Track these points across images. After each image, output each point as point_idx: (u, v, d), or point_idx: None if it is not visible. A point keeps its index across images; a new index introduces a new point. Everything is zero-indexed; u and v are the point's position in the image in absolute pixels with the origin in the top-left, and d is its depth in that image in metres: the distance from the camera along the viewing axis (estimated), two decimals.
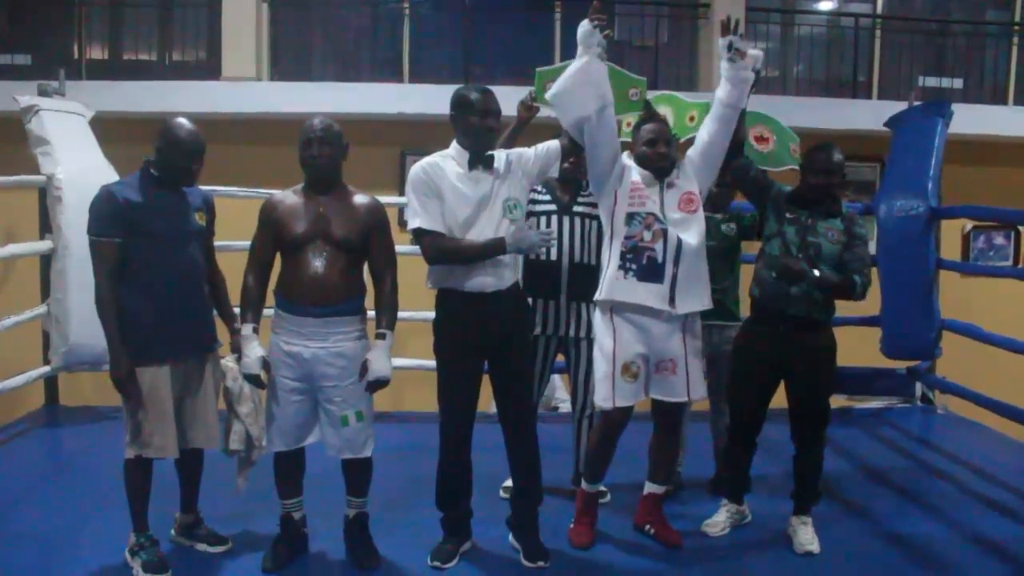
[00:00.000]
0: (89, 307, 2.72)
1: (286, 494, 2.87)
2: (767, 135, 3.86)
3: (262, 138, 6.55)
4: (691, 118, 3.77)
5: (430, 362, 2.92)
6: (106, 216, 2.63)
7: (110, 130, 4.79)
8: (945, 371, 5.07)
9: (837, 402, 3.83)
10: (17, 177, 4.30)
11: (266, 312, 2.79)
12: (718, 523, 3.19)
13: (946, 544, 3.12)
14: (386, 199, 3.05)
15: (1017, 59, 7.89)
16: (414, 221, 2.74)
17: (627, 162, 2.92)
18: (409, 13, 7.37)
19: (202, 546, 2.91)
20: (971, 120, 6.32)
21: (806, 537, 3.05)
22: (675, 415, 3.06)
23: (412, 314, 3.46)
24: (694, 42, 7.59)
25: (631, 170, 2.90)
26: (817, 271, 2.88)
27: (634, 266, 2.84)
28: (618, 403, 2.87)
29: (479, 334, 2.78)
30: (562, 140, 2.93)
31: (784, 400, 3.10)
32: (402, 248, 2.94)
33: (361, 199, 2.79)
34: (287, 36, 7.41)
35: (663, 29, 7.64)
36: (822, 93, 7.70)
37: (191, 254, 2.76)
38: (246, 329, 2.72)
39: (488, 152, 2.78)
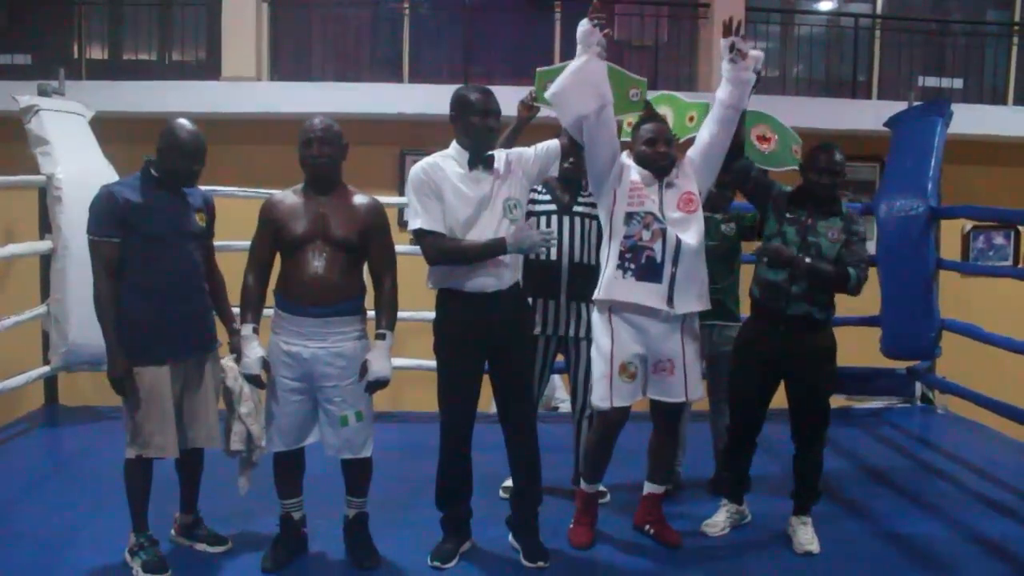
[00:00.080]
0: (89, 307, 2.72)
1: (286, 494, 2.87)
2: (769, 135, 3.84)
3: (262, 138, 6.57)
4: (691, 118, 3.76)
5: (430, 362, 2.93)
6: (106, 216, 2.63)
7: (110, 130, 4.80)
8: (945, 371, 5.07)
9: (837, 402, 3.82)
10: (17, 177, 4.30)
11: (266, 312, 2.79)
12: (718, 523, 3.18)
13: (946, 544, 3.11)
14: (386, 199, 3.05)
15: (1017, 59, 7.89)
16: (415, 222, 2.75)
17: (626, 161, 2.91)
18: (409, 13, 7.37)
19: (202, 546, 2.91)
20: (971, 120, 6.32)
21: (806, 537, 3.05)
22: (674, 415, 3.06)
23: (412, 314, 3.47)
24: (694, 42, 7.58)
25: (630, 169, 2.90)
26: (808, 259, 2.88)
27: (633, 266, 2.83)
28: (616, 403, 2.87)
29: (479, 334, 2.77)
30: (562, 139, 2.94)
31: (784, 400, 3.10)
32: (402, 248, 2.94)
33: (361, 199, 2.79)
34: (287, 36, 7.41)
35: (663, 29, 7.63)
36: (822, 93, 7.69)
37: (191, 255, 2.76)
38: (246, 329, 2.72)
39: (488, 152, 2.78)
